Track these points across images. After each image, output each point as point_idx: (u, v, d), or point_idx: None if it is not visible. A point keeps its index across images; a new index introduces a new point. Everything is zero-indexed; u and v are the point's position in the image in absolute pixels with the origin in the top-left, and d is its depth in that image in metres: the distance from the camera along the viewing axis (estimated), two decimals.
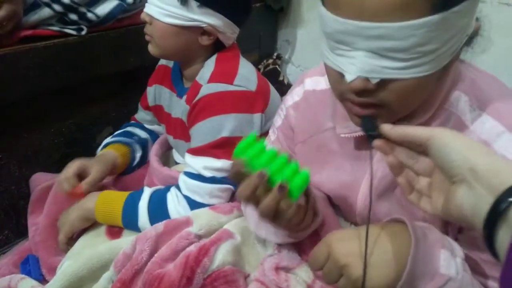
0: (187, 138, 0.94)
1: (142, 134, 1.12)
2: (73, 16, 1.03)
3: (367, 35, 0.46)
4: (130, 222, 0.85)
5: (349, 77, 0.49)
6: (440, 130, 0.44)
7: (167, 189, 0.89)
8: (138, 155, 1.07)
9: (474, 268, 0.54)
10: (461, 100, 0.56)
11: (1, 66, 0.92)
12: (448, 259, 0.48)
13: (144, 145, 1.10)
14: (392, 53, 0.46)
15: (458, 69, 0.58)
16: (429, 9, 0.44)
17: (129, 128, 1.11)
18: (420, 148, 0.46)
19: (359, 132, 0.61)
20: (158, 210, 0.85)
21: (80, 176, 0.92)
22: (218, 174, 0.87)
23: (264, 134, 0.94)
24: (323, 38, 0.52)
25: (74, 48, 1.04)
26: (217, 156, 0.87)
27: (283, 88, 0.88)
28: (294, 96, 0.74)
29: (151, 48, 0.91)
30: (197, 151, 0.88)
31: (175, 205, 0.86)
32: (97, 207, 0.86)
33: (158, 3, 0.84)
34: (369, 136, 0.49)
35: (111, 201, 0.86)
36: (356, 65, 0.48)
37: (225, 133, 0.86)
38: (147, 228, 0.81)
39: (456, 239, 0.57)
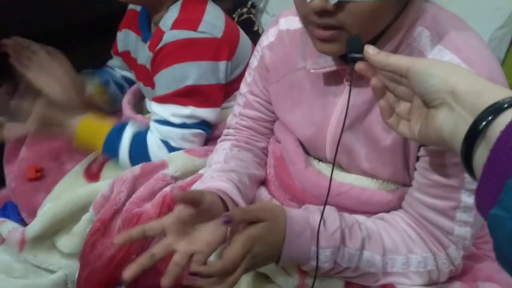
0: (153, 85, 0.94)
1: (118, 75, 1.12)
2: None
3: None
4: (111, 150, 0.87)
5: None
6: (421, 59, 0.45)
7: (146, 132, 0.90)
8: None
9: (424, 190, 0.60)
10: (423, 35, 0.58)
11: None
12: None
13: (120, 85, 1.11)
14: None
15: (423, 7, 0.60)
16: None
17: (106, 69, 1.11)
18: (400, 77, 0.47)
19: (328, 68, 0.63)
20: (140, 154, 0.87)
21: None
22: (188, 121, 0.88)
23: (231, 82, 0.95)
24: None
25: None
26: (184, 104, 0.88)
27: (258, 38, 0.87)
28: (269, 36, 0.75)
29: None
30: (163, 99, 0.88)
31: (156, 150, 0.88)
32: (80, 125, 0.86)
33: None
34: (351, 58, 0.50)
35: (95, 127, 0.88)
36: None
37: (189, 81, 0.87)
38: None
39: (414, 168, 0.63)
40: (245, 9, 1.71)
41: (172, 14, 0.90)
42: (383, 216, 0.66)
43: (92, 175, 0.88)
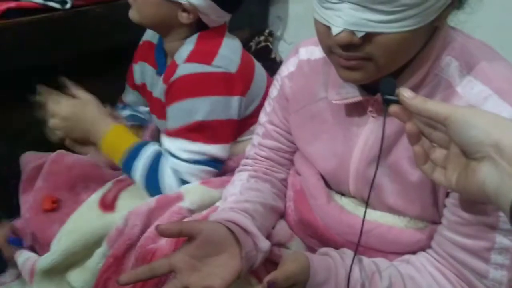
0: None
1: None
2: None
3: None
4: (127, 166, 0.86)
5: (335, 30, 0.50)
6: (460, 107, 0.43)
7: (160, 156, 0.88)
8: None
9: (455, 228, 0.56)
10: (452, 66, 0.56)
11: None
12: None
13: None
14: (376, 6, 0.48)
15: (450, 35, 0.58)
16: None
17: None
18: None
19: (351, 99, 0.61)
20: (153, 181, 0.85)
21: None
22: (196, 156, 0.86)
23: (246, 117, 0.93)
24: None
25: (59, 23, 1.02)
26: (193, 139, 0.86)
27: (275, 66, 0.86)
28: (289, 66, 0.74)
29: (131, 13, 0.89)
30: (172, 133, 0.87)
31: (169, 180, 0.85)
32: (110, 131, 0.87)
33: None
34: (385, 100, 0.48)
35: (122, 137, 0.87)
36: (342, 18, 0.49)
37: (198, 117, 0.85)
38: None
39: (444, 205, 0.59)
40: (262, 37, 1.72)
41: (187, 47, 0.89)
42: (408, 258, 0.62)
43: (107, 205, 0.86)
